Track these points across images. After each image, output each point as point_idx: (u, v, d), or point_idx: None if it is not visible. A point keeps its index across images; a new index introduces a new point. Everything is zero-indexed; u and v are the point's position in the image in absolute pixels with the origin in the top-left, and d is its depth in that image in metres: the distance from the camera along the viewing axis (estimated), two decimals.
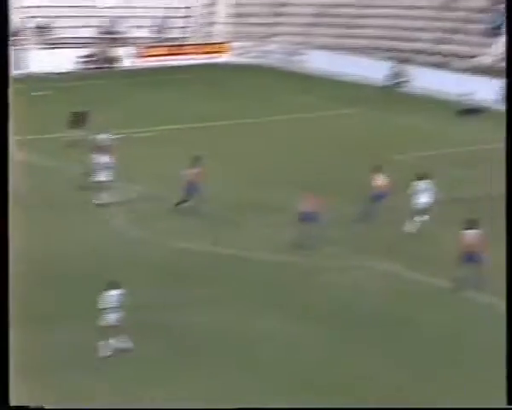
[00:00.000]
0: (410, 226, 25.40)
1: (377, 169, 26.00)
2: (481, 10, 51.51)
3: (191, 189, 26.08)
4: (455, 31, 51.46)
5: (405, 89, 46.84)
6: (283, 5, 57.62)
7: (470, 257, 20.87)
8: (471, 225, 21.29)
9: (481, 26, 50.63)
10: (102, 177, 27.08)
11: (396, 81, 47.50)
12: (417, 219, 25.49)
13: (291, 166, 31.96)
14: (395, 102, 43.63)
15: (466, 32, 50.97)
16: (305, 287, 21.63)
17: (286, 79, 49.65)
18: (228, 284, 21.61)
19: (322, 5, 56.14)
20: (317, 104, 42.67)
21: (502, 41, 49.56)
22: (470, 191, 28.65)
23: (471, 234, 21.16)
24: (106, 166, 27.17)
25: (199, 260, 23.06)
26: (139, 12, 54.52)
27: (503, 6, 50.76)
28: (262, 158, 32.91)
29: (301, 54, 52.98)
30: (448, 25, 51.65)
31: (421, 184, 25.54)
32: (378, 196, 25.78)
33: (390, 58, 49.06)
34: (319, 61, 50.87)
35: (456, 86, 43.00)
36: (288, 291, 21.36)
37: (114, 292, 17.66)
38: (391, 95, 45.74)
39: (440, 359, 18.21)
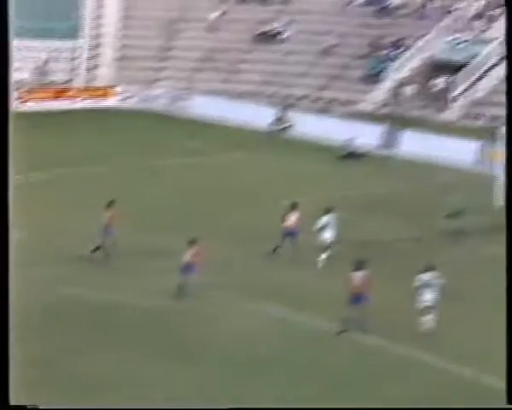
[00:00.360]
0: (318, 263, 25.81)
1: (293, 207, 26.37)
2: (361, 57, 52.73)
3: (106, 232, 25.80)
4: (336, 77, 52.50)
5: (289, 134, 47.35)
6: (168, 50, 57.71)
7: (358, 298, 21.07)
8: (359, 266, 21.54)
9: (361, 73, 51.82)
10: None
11: (280, 127, 47.96)
12: (322, 256, 25.89)
13: (177, 210, 31.78)
14: (280, 147, 44.03)
15: (346, 79, 52.06)
16: (194, 332, 21.42)
17: (171, 124, 49.58)
18: (115, 331, 21.20)
19: (208, 50, 56.47)
20: (202, 149, 42.70)
21: (381, 88, 50.86)
22: (355, 234, 29.04)
23: (359, 275, 21.40)
24: None
25: (86, 305, 22.58)
26: (20, 54, 53.73)
27: (382, 52, 52.14)
28: (148, 202, 32.62)
29: (187, 99, 53.05)
30: (329, 71, 52.67)
31: (326, 219, 26.01)
32: (289, 234, 26.26)
33: (274, 104, 49.62)
34: (205, 107, 51.04)
35: (338, 132, 43.77)
36: (176, 337, 21.09)
37: None
38: (275, 140, 46.17)
39: (327, 402, 18.22)
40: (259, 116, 48.23)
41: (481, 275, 26.04)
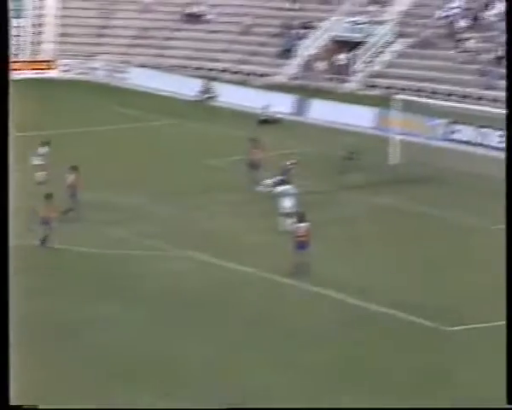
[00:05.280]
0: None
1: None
2: (275, 36, 53.93)
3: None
4: (253, 53, 53.62)
5: (214, 103, 48.36)
6: (104, 27, 57.88)
7: (302, 246, 21.98)
8: (301, 218, 22.63)
9: (275, 49, 53.08)
10: None
11: (205, 96, 49.02)
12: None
13: (112, 169, 32.51)
14: (206, 114, 44.99)
15: (263, 55, 53.25)
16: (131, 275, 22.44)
17: (109, 94, 49.99)
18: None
19: (140, 28, 56.90)
20: (138, 116, 43.40)
21: (293, 63, 52.14)
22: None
23: (302, 226, 22.21)
24: None
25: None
26: None
27: (293, 32, 53.37)
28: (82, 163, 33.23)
29: (123, 71, 53.58)
30: (247, 48, 53.77)
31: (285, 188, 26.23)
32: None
33: (200, 76, 50.57)
34: (139, 78, 51.70)
35: (255, 100, 44.99)
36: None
37: None
38: (202, 108, 47.10)
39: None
40: (187, 87, 49.14)
41: (373, 221, 27.79)
